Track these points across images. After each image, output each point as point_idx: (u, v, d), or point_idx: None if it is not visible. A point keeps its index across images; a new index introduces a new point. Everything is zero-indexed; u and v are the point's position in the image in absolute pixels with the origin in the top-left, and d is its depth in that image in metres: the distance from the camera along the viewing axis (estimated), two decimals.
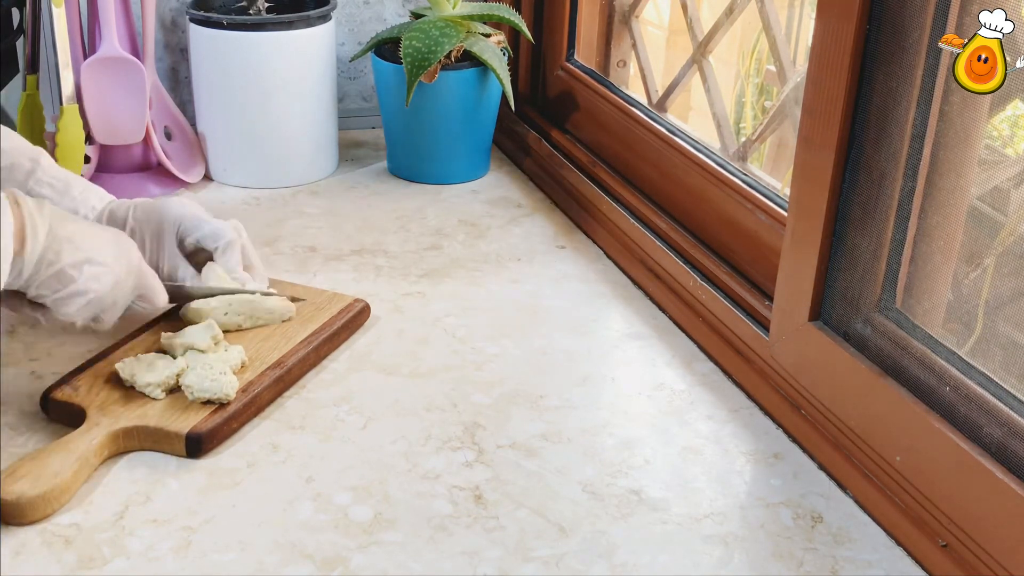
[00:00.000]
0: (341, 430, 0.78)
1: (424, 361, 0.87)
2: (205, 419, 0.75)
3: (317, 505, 0.70)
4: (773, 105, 1.04)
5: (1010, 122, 0.75)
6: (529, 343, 0.90)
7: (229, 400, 0.76)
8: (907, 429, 0.68)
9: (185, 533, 0.67)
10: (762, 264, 0.89)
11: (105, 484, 0.71)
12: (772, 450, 0.77)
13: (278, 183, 1.22)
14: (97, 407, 0.75)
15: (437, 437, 0.77)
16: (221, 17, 1.15)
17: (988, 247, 0.70)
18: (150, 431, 0.74)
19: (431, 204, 1.18)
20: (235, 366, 0.80)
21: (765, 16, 1.02)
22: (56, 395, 0.77)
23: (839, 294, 0.76)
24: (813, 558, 0.66)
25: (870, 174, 0.72)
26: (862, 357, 0.73)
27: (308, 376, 0.84)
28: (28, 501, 0.66)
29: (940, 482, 0.66)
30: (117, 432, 0.73)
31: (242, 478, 0.72)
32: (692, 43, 1.13)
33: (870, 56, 0.70)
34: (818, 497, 0.72)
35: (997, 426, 0.63)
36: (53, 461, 0.69)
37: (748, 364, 0.84)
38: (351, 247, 1.07)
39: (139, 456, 0.74)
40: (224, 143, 1.21)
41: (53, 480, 0.68)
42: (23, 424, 0.77)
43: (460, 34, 1.15)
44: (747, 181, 0.94)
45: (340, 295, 0.93)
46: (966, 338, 0.70)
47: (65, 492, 0.68)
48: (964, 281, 0.71)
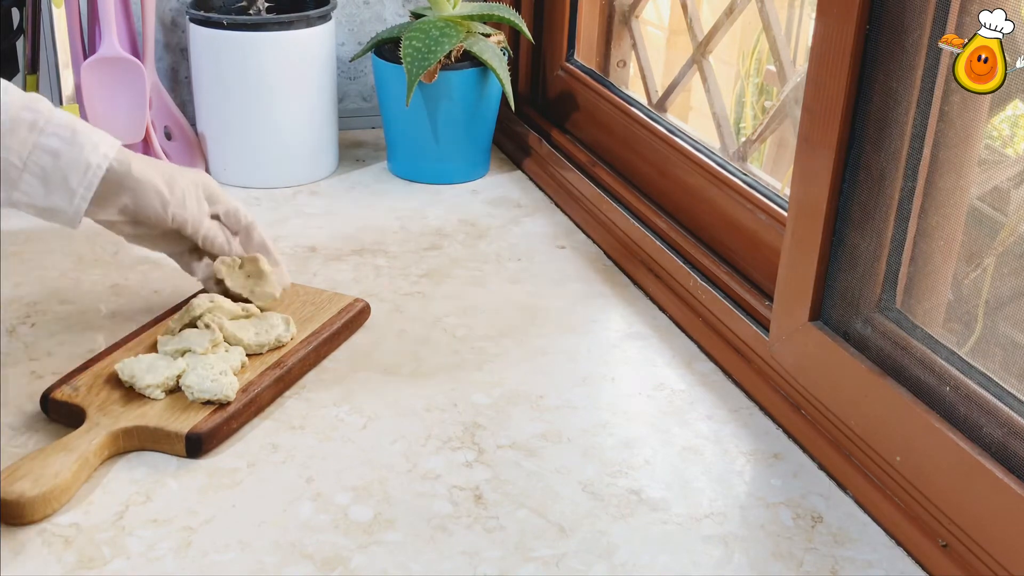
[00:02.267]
0: (341, 430, 0.78)
1: (424, 361, 0.87)
2: (205, 419, 0.75)
3: (317, 505, 0.70)
4: (773, 105, 1.04)
5: (1010, 122, 0.75)
6: (529, 343, 0.90)
7: (229, 400, 0.76)
8: (907, 429, 0.68)
9: (185, 533, 0.67)
10: (762, 264, 0.89)
11: (105, 484, 0.71)
12: (772, 450, 0.77)
13: (278, 183, 1.22)
14: (97, 407, 0.75)
15: (437, 437, 0.77)
16: (221, 17, 1.15)
17: (988, 247, 0.70)
18: (150, 431, 0.74)
19: (431, 204, 1.18)
20: (235, 367, 0.80)
21: (765, 16, 1.02)
22: (56, 395, 0.77)
23: (839, 294, 0.76)
24: (813, 558, 0.66)
25: (870, 174, 0.72)
26: (862, 357, 0.73)
27: (308, 376, 0.84)
28: (28, 501, 0.66)
29: (940, 482, 0.66)
30: (117, 432, 0.73)
31: (242, 478, 0.72)
32: (692, 43, 1.13)
33: (870, 56, 0.70)
34: (818, 497, 0.72)
35: (997, 426, 0.63)
36: (53, 461, 0.69)
37: (748, 364, 0.84)
38: (351, 247, 1.07)
39: (139, 456, 0.74)
40: (224, 143, 1.21)
41: (53, 480, 0.68)
42: (23, 424, 0.77)
43: (460, 34, 1.15)
44: (747, 181, 0.94)
45: (340, 295, 0.93)
46: (966, 338, 0.70)
47: (65, 492, 0.68)
48: (964, 281, 0.71)
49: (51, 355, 0.86)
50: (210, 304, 0.85)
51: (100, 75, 1.13)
